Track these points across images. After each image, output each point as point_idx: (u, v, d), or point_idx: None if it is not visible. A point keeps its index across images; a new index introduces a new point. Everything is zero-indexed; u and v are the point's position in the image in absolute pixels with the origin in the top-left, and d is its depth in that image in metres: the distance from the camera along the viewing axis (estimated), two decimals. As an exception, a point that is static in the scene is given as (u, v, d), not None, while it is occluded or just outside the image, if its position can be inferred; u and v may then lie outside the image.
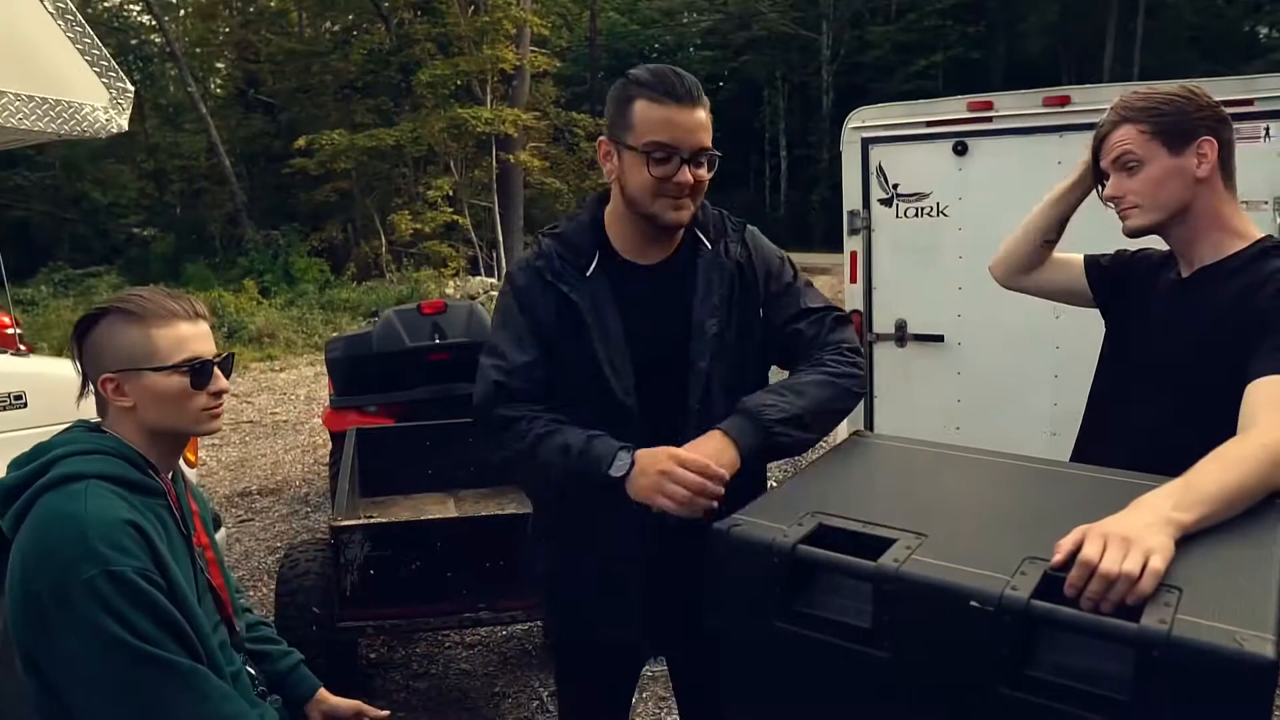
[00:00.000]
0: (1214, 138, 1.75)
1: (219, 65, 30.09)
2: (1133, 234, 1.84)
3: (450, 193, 20.22)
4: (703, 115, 1.69)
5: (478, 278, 19.91)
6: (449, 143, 19.68)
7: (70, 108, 3.03)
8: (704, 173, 1.72)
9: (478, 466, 4.41)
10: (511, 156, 20.46)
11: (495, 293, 17.91)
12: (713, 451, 1.56)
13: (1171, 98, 1.77)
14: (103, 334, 1.65)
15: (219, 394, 1.71)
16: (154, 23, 25.16)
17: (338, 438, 4.82)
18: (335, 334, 6.86)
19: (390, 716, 1.98)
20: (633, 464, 1.58)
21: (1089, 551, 1.12)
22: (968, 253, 4.32)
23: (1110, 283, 2.07)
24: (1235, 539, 1.24)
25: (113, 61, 3.17)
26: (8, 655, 1.60)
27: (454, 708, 3.48)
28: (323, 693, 1.97)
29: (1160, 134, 1.75)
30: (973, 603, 1.13)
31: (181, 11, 29.50)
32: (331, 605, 3.05)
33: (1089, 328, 4.16)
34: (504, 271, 19.82)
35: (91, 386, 1.69)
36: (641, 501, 1.57)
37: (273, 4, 26.80)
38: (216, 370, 1.69)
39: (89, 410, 1.76)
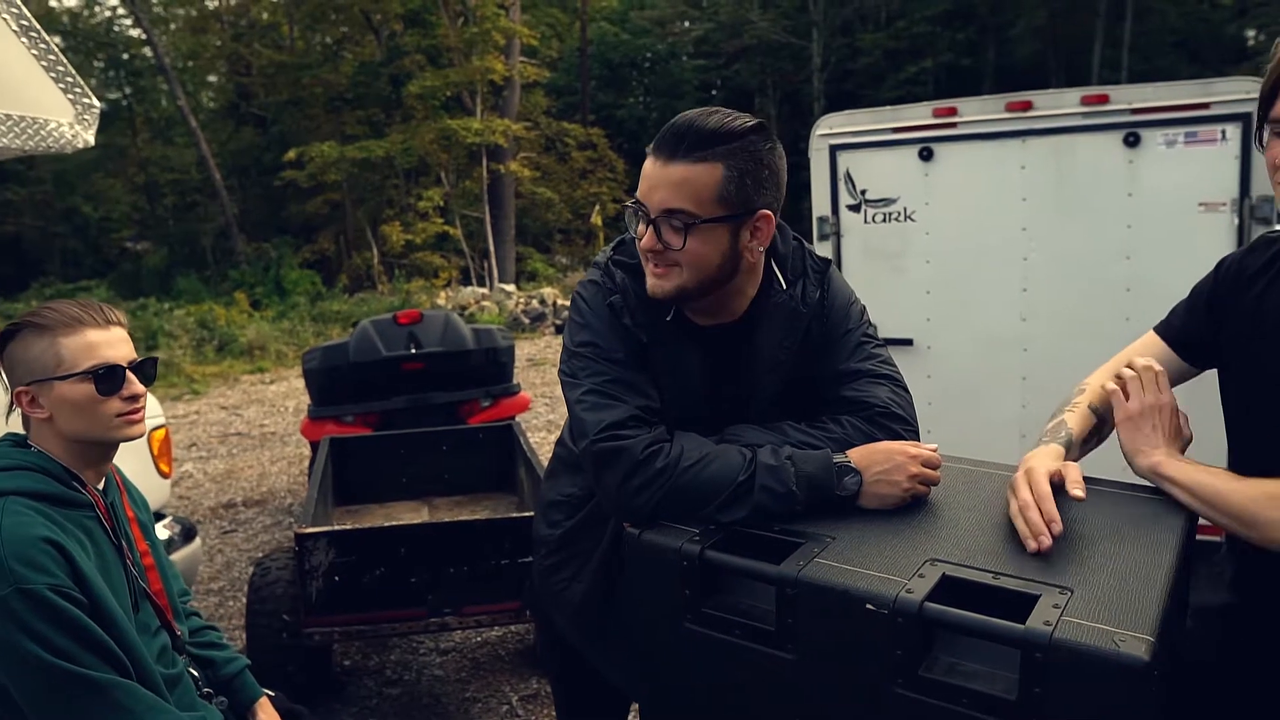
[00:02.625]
0: None
1: (210, 78, 30.18)
2: None
3: (441, 203, 20.29)
4: (682, 172, 1.43)
5: (469, 288, 19.93)
6: (440, 154, 19.75)
7: (35, 123, 3.04)
8: (677, 239, 1.44)
9: (452, 474, 4.43)
10: (502, 167, 20.54)
11: (486, 303, 17.94)
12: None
13: None
14: (16, 348, 1.67)
15: (134, 398, 1.70)
16: (144, 37, 25.22)
17: (316, 447, 4.84)
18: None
19: None
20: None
21: None
22: (935, 257, 4.35)
23: (1197, 336, 1.55)
24: (1134, 544, 1.25)
25: (78, 77, 3.18)
26: None
27: (425, 713, 3.48)
28: (263, 703, 1.98)
29: None
30: (868, 605, 1.15)
31: (172, 25, 29.58)
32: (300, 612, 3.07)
33: (1057, 331, 4.23)
34: (494, 282, 19.86)
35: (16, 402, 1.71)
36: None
37: (264, 17, 26.89)
38: (129, 375, 1.69)
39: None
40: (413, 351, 4.86)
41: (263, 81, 25.77)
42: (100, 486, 1.74)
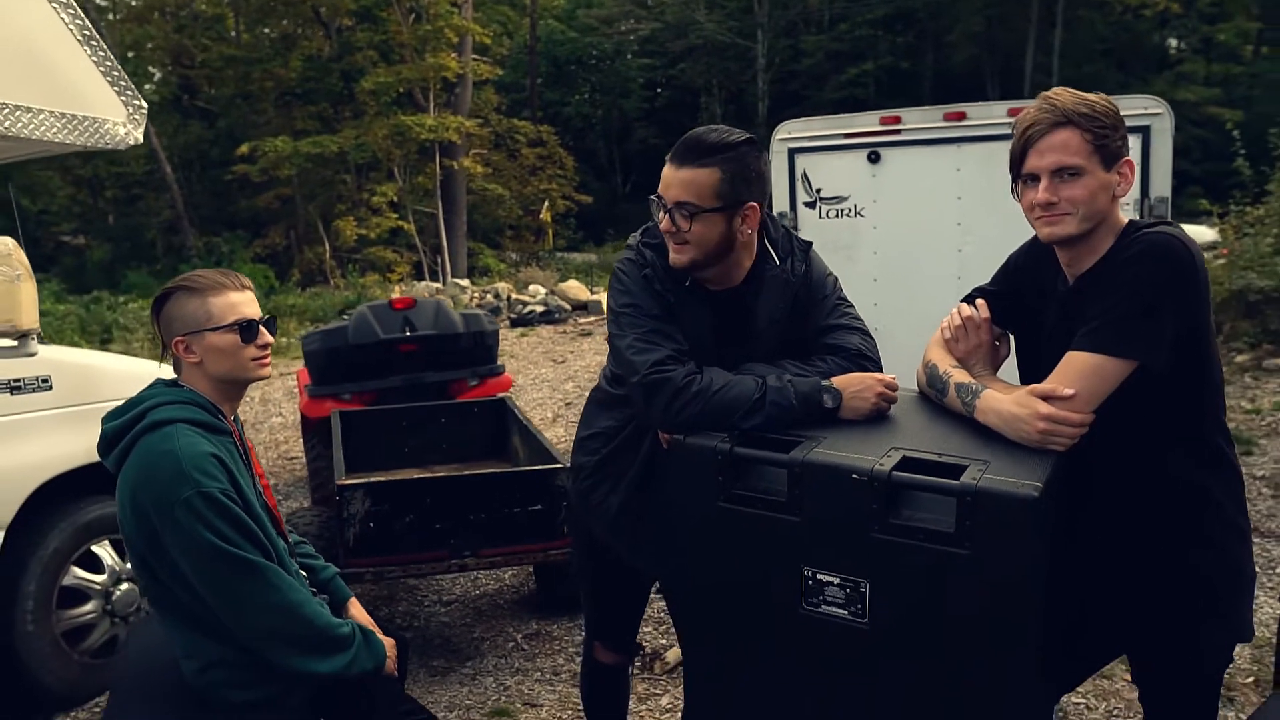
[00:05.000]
0: (1130, 159, 1.80)
1: (152, 70, 29.80)
2: (1054, 240, 1.81)
3: (394, 199, 20.48)
4: (689, 174, 1.94)
5: (423, 282, 20.18)
6: (393, 149, 19.94)
7: (94, 122, 3.42)
8: (684, 223, 1.95)
9: (449, 444, 4.87)
10: (455, 163, 20.79)
11: (441, 297, 18.22)
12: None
13: (1106, 110, 1.75)
14: (172, 307, 2.11)
15: (265, 346, 2.14)
16: (87, 27, 24.84)
17: (315, 424, 5.22)
18: (307, 331, 7.24)
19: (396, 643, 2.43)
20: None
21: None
22: (881, 249, 4.90)
23: (1012, 307, 2.02)
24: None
25: (129, 81, 3.57)
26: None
27: (438, 651, 3.93)
28: (354, 602, 2.43)
29: (1100, 148, 1.74)
30: (853, 475, 1.66)
31: (112, 15, 29.19)
32: (334, 558, 3.49)
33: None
34: (447, 277, 20.10)
35: (168, 351, 2.14)
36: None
37: (206, 9, 26.69)
38: (261, 328, 2.13)
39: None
40: (407, 334, 5.27)
41: (207, 75, 25.61)
42: (233, 420, 2.18)
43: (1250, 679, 3.38)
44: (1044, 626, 1.62)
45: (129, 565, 3.77)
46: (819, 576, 1.73)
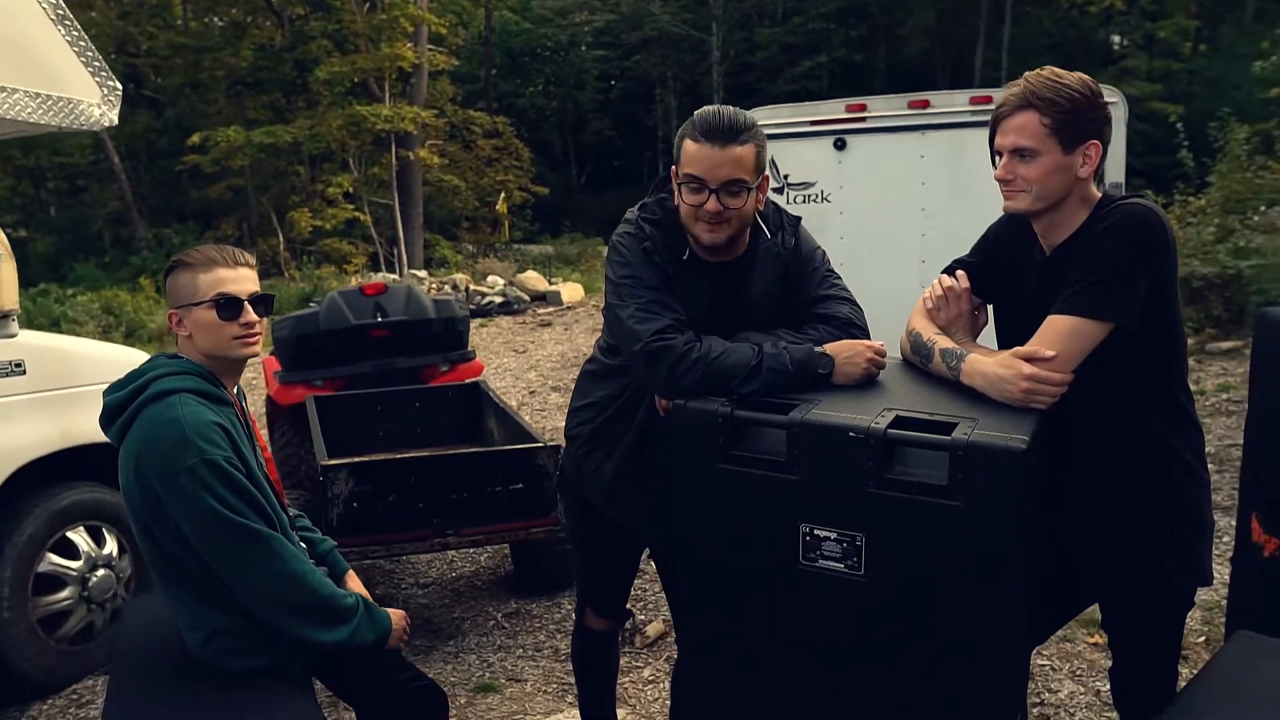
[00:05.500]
0: (1099, 141, 1.87)
1: (97, 59, 29.04)
2: (1012, 213, 1.99)
3: (350, 190, 20.28)
4: (737, 152, 1.99)
5: (379, 274, 20.00)
6: (348, 140, 19.74)
7: (70, 103, 3.40)
8: (736, 201, 2.02)
9: (423, 428, 4.89)
10: (411, 154, 20.64)
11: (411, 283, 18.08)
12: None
13: (1075, 94, 1.83)
14: (171, 280, 2.15)
15: (249, 325, 2.14)
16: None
17: (286, 410, 5.20)
18: (274, 319, 7.18)
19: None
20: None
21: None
22: (848, 233, 5.02)
23: (990, 277, 2.13)
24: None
25: (104, 62, 3.54)
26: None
27: (419, 631, 3.96)
28: (351, 575, 2.47)
29: (1058, 130, 1.83)
30: (850, 433, 1.74)
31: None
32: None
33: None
34: (404, 268, 19.95)
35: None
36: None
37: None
38: (246, 305, 2.13)
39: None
40: (379, 320, 5.27)
41: (154, 63, 25.07)
42: (234, 391, 2.21)
43: (1202, 639, 3.55)
44: (1028, 576, 1.72)
45: (106, 551, 3.76)
46: (816, 532, 1.81)
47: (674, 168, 2.12)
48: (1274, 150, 11.22)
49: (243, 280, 2.17)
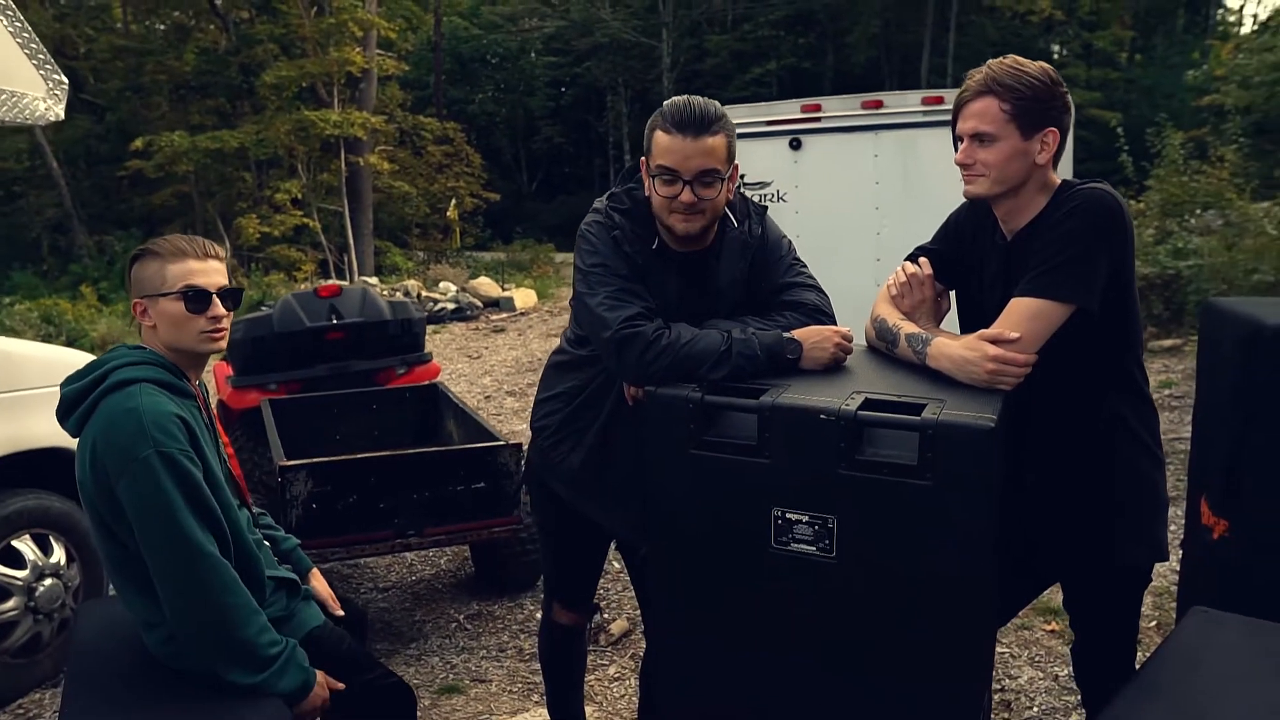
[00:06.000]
0: (1058, 128, 1.91)
1: (33, 62, 28.28)
2: (971, 198, 2.02)
3: (298, 196, 19.97)
4: (709, 143, 1.99)
5: (330, 281, 19.73)
6: (296, 145, 19.44)
7: (14, 96, 3.31)
8: (710, 191, 2.02)
9: (381, 431, 4.83)
10: (360, 159, 20.39)
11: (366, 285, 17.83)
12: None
13: (1036, 82, 1.88)
14: (138, 269, 2.10)
15: (216, 319, 2.10)
16: (-40, 16, 23.49)
17: (239, 415, 5.10)
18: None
19: (342, 618, 2.42)
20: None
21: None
22: (803, 232, 5.00)
23: (952, 264, 2.18)
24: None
25: (49, 55, 3.46)
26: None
27: (380, 635, 3.91)
28: (316, 573, 2.43)
29: (1017, 117, 1.87)
30: (821, 415, 1.76)
31: (-13, 3, 27.58)
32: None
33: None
34: (354, 275, 19.70)
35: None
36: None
37: (90, -1, 25.51)
38: (215, 299, 2.09)
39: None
40: (334, 322, 5.20)
41: (94, 67, 24.47)
42: (197, 384, 2.16)
43: (1153, 623, 3.64)
44: (997, 555, 1.76)
45: (53, 560, 3.65)
46: (788, 515, 1.82)
47: (644, 159, 2.12)
48: (1208, 156, 11.57)
49: (212, 273, 2.12)
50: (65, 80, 3.51)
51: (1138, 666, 2.08)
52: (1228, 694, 1.66)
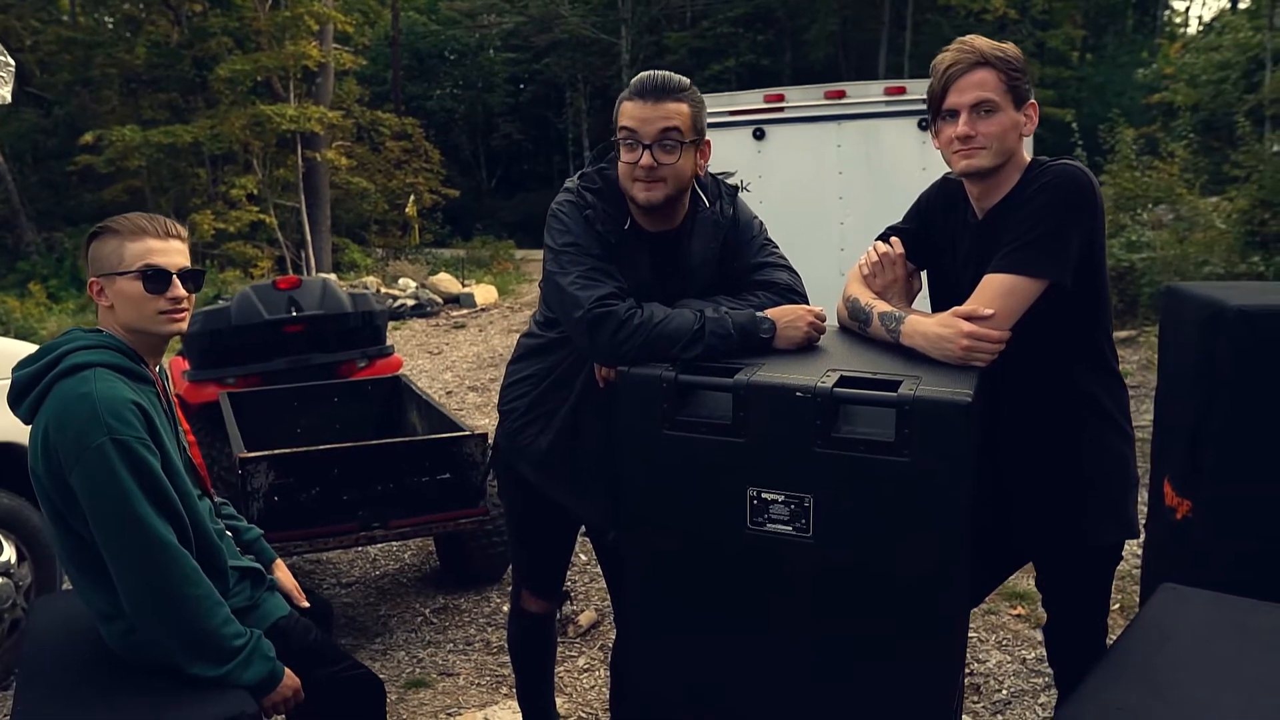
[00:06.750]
0: (1034, 102, 1.96)
1: (-24, 55, 27.52)
2: (970, 172, 1.94)
3: (254, 191, 19.64)
4: (670, 107, 2.00)
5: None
6: (252, 140, 19.11)
7: (-43, 81, 3.20)
8: (670, 156, 2.00)
9: (342, 424, 4.75)
10: (318, 155, 20.11)
11: (326, 276, 17.58)
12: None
13: (1014, 57, 1.91)
14: (95, 247, 2.03)
15: (176, 300, 2.03)
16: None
17: (195, 409, 4.99)
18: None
19: (308, 609, 2.37)
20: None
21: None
22: (767, 222, 4.96)
23: (924, 243, 2.17)
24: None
25: (-5, 39, 3.34)
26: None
27: (344, 630, 3.84)
28: (279, 564, 2.37)
29: (1012, 88, 1.90)
30: (797, 393, 1.75)
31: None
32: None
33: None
34: (313, 271, 19.43)
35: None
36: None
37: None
38: (175, 279, 2.02)
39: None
40: (293, 315, 5.10)
41: (41, 59, 23.84)
42: (156, 370, 2.09)
43: (1116, 605, 3.69)
44: (973, 531, 1.76)
45: (2, 558, 3.54)
46: (764, 496, 1.81)
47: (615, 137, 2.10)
48: (1159, 152, 11.80)
49: (172, 253, 2.06)
50: (11, 62, 3.40)
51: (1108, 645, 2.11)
52: (1198, 666, 1.67)
